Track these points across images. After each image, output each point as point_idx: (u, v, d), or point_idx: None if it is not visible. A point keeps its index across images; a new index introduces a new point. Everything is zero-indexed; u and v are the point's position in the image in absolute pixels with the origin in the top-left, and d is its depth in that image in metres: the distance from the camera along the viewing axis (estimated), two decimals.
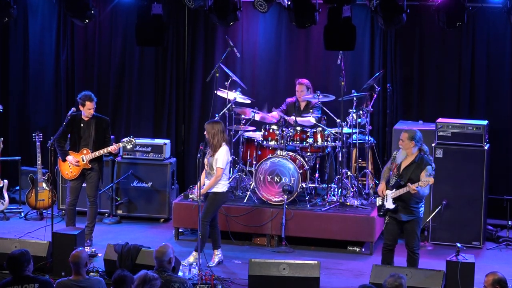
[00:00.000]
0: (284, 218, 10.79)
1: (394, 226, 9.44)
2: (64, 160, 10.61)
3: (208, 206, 10.01)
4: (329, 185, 11.48)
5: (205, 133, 10.01)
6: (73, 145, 10.65)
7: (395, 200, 9.29)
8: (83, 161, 10.55)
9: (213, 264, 10.07)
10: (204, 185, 10.02)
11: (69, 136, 10.73)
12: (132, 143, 10.88)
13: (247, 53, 12.74)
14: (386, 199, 9.35)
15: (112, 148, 10.63)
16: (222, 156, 9.92)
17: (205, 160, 10.01)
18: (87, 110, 10.56)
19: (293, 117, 11.50)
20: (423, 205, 9.43)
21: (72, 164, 10.58)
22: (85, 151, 10.57)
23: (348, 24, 10.54)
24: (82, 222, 11.02)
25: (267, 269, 9.15)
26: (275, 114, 11.77)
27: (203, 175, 10.08)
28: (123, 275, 7.13)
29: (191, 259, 9.99)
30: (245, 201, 11.30)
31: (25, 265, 7.34)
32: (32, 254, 7.52)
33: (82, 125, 10.58)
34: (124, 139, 10.89)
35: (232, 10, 10.91)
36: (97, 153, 10.58)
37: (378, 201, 9.50)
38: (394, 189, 9.30)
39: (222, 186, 10.02)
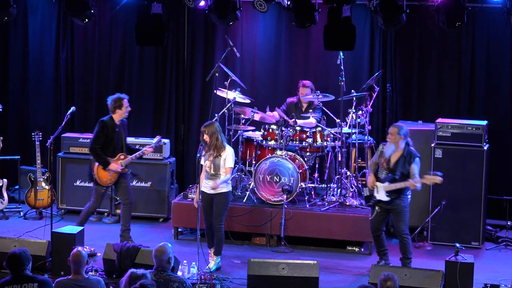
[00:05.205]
0: (283, 218, 10.79)
1: (382, 216, 9.98)
2: (105, 168, 10.51)
3: (220, 208, 9.97)
4: (329, 185, 11.47)
5: (205, 137, 9.87)
6: (111, 151, 10.52)
7: (389, 193, 9.73)
8: (121, 166, 10.56)
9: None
10: (203, 185, 9.99)
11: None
12: (162, 142, 10.90)
13: (246, 52, 12.74)
14: (377, 191, 9.81)
15: (148, 149, 10.70)
16: (231, 156, 9.91)
17: (207, 162, 9.95)
18: (125, 109, 10.54)
19: (292, 121, 11.46)
20: (410, 195, 9.91)
21: (117, 171, 10.54)
22: (122, 156, 10.56)
23: (348, 24, 10.54)
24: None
25: (266, 269, 9.15)
26: (276, 114, 11.76)
27: (202, 176, 10.05)
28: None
29: (211, 264, 9.98)
30: (244, 200, 11.30)
31: (26, 264, 7.35)
32: (31, 253, 7.52)
33: (117, 130, 10.54)
34: (154, 140, 10.87)
35: (232, 9, 10.91)
36: (133, 157, 10.61)
37: (366, 192, 10.00)
38: (387, 182, 9.72)
39: (227, 186, 10.01)
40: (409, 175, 9.68)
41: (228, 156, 9.84)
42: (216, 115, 11.46)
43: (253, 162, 11.50)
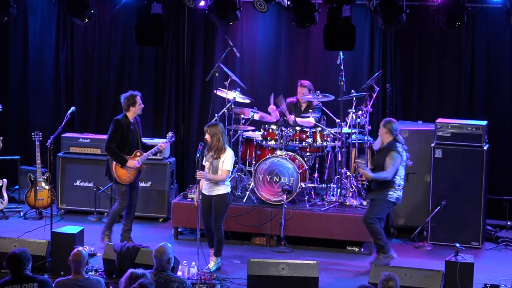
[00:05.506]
0: (283, 218, 10.78)
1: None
2: (123, 166, 10.49)
3: (218, 210, 9.94)
4: (328, 185, 11.47)
5: (206, 136, 9.90)
6: (127, 149, 10.52)
7: (368, 182, 10.28)
8: (139, 163, 10.56)
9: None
10: (203, 187, 9.97)
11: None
12: (174, 138, 10.93)
13: (246, 52, 12.74)
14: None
15: (163, 145, 10.74)
16: (230, 159, 9.87)
17: (207, 163, 9.95)
18: (139, 106, 10.56)
19: (292, 116, 11.49)
20: (395, 191, 10.04)
21: (136, 168, 10.54)
22: (138, 153, 10.56)
23: (348, 24, 10.54)
24: (82, 222, 11.08)
25: (266, 269, 9.15)
26: (276, 111, 11.76)
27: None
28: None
29: (211, 264, 9.97)
30: (244, 200, 11.30)
31: (26, 264, 7.34)
32: (31, 253, 7.51)
33: (131, 127, 10.54)
34: (168, 135, 10.87)
35: (232, 9, 10.91)
36: (150, 153, 10.63)
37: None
38: None
39: (226, 187, 9.97)
40: (384, 167, 9.98)
41: (226, 158, 9.81)
42: (216, 115, 11.46)
43: (253, 162, 11.50)
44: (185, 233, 11.55)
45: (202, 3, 11.50)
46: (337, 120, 11.38)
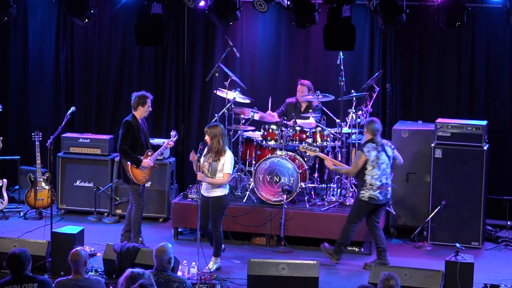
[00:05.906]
0: (283, 218, 10.79)
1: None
2: (138, 166, 10.47)
3: (215, 212, 9.92)
4: (328, 185, 11.48)
5: (206, 137, 9.90)
6: (139, 150, 10.49)
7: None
8: (152, 162, 10.57)
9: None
10: (202, 186, 9.98)
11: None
12: (177, 136, 10.92)
13: (246, 52, 12.74)
14: None
15: (170, 143, 10.75)
16: (230, 161, 9.85)
17: (206, 163, 9.94)
18: (147, 108, 10.53)
19: (292, 122, 11.43)
20: (366, 191, 10.12)
21: (150, 167, 10.54)
22: (149, 153, 10.56)
23: (348, 24, 10.54)
24: (82, 222, 11.04)
25: (266, 269, 9.15)
26: (275, 115, 11.78)
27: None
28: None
29: (210, 264, 9.97)
30: (244, 200, 11.30)
31: (26, 264, 7.34)
32: (31, 254, 7.51)
33: (141, 128, 10.53)
34: (172, 134, 10.87)
35: (231, 9, 10.91)
36: (159, 152, 10.67)
37: None
38: None
39: (223, 189, 9.93)
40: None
41: (226, 161, 9.79)
42: (216, 115, 11.46)
43: (253, 162, 11.50)
44: (185, 233, 11.56)
45: (202, 3, 11.51)
46: (337, 120, 11.38)
